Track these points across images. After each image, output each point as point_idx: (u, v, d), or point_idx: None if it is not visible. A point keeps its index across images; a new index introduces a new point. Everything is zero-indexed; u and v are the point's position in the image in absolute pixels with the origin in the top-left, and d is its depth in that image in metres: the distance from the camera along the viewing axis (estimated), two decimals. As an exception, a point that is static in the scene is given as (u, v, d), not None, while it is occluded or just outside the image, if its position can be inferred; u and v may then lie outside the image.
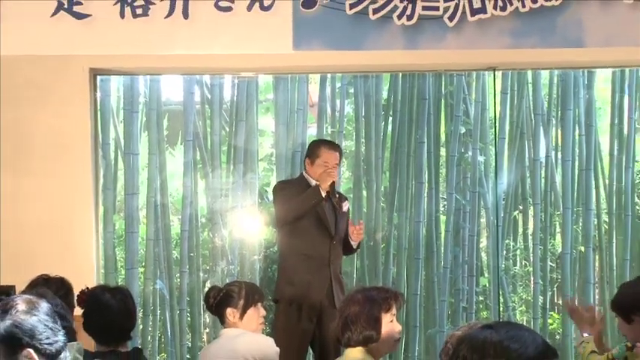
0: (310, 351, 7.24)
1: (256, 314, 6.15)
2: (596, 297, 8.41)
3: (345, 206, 7.21)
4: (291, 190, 7.18)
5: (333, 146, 7.31)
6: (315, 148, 7.29)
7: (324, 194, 6.96)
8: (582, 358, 5.70)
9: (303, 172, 7.24)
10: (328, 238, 7.07)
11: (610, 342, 6.24)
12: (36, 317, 3.61)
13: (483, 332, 2.63)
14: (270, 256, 9.01)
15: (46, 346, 3.57)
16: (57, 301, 3.88)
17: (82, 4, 7.10)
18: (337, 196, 7.20)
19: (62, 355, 3.52)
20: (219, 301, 6.18)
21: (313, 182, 7.08)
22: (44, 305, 3.78)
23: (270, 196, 8.95)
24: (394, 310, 5.08)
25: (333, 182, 7.01)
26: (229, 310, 6.09)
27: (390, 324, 4.99)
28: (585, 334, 5.70)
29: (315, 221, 7.04)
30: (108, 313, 5.03)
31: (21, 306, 3.71)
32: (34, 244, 6.91)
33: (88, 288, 5.49)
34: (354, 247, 7.19)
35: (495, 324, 2.72)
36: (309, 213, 6.99)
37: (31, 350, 3.58)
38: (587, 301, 7.89)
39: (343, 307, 5.07)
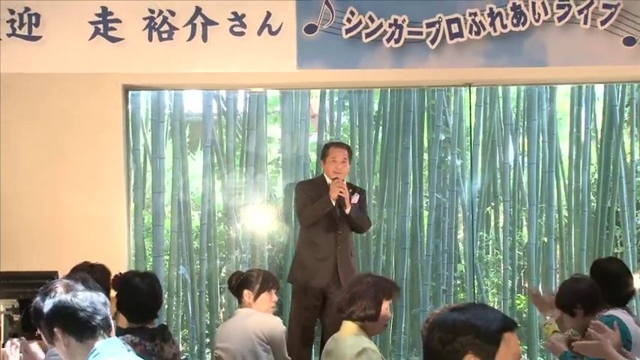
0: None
1: (269, 298, 6.19)
2: (557, 281, 8.41)
3: (355, 198, 7.12)
4: (308, 193, 7.22)
5: (340, 144, 7.35)
6: (325, 148, 7.34)
7: (333, 202, 6.99)
8: (547, 336, 5.73)
9: (323, 172, 7.27)
10: (334, 231, 7.08)
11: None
12: (73, 299, 3.64)
13: (452, 314, 2.65)
14: (277, 245, 9.04)
15: (79, 323, 3.60)
16: (96, 285, 3.91)
17: (116, 29, 7.11)
18: (350, 190, 7.14)
19: (100, 334, 3.55)
20: (239, 284, 6.23)
21: (329, 180, 7.11)
22: (80, 288, 3.81)
23: (277, 194, 9.02)
24: (392, 300, 5.15)
25: (342, 194, 6.98)
26: (246, 292, 6.14)
27: (386, 310, 5.04)
28: (548, 317, 5.72)
29: (324, 216, 7.07)
30: (138, 295, 5.06)
31: (60, 289, 3.72)
32: (75, 235, 6.91)
33: (120, 273, 5.54)
34: (346, 208, 7.05)
35: (461, 306, 2.76)
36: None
37: (59, 329, 3.61)
38: (549, 288, 7.89)
39: (352, 285, 5.11)
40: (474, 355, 2.54)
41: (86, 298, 3.62)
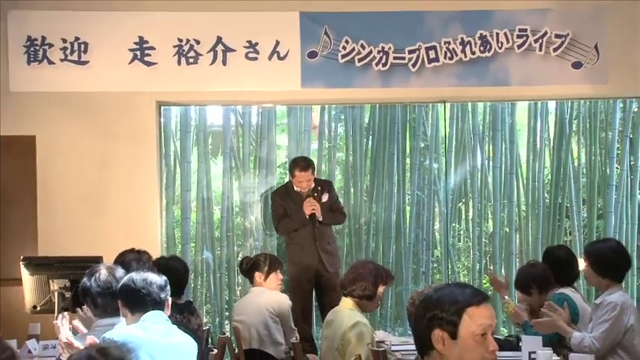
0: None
1: (276, 278, 6.21)
2: (517, 265, 8.40)
3: (325, 197, 7.08)
4: (282, 204, 7.14)
5: (304, 168, 7.05)
6: (291, 168, 7.18)
7: (308, 217, 6.94)
8: (507, 312, 5.75)
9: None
10: (312, 230, 7.02)
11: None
12: (133, 279, 3.69)
13: (428, 293, 2.63)
14: (279, 238, 9.03)
15: (137, 300, 3.65)
16: (139, 266, 3.94)
17: (150, 55, 7.12)
18: (319, 189, 7.05)
19: (147, 307, 3.60)
20: (250, 267, 6.24)
21: (297, 188, 7.05)
22: (120, 271, 3.85)
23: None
24: (386, 286, 5.19)
25: (314, 210, 6.93)
26: (257, 274, 6.16)
27: (380, 293, 5.07)
28: (506, 297, 5.75)
29: (301, 219, 7.02)
30: (168, 276, 5.08)
31: (103, 271, 3.77)
32: (117, 226, 6.91)
33: (153, 258, 5.52)
34: (319, 219, 6.99)
35: (439, 286, 2.74)
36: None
37: (121, 302, 3.65)
38: (508, 274, 7.92)
39: (356, 268, 5.14)
40: (440, 330, 2.48)
41: (143, 278, 3.67)
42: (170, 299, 3.80)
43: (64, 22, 7.03)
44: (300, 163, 7.09)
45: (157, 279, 3.71)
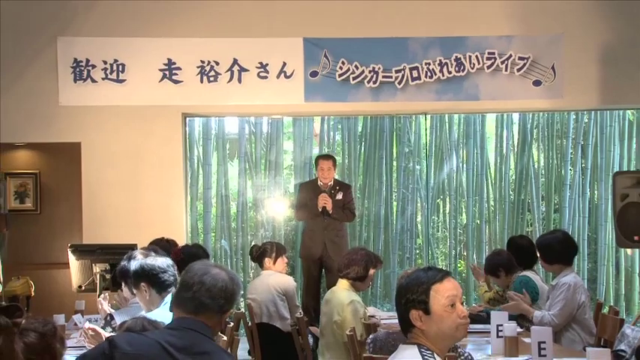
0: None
1: (282, 262, 6.21)
2: (487, 251, 8.41)
3: (339, 196, 7.17)
4: (305, 194, 7.27)
5: (326, 157, 7.37)
6: (316, 160, 7.44)
7: (320, 209, 7.05)
8: (480, 295, 5.76)
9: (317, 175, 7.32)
10: (321, 221, 7.12)
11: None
12: (150, 263, 3.64)
13: (401, 281, 2.60)
14: (290, 226, 9.03)
15: (159, 280, 3.60)
16: (163, 253, 3.91)
17: (177, 74, 7.10)
18: (337, 188, 7.20)
19: (171, 288, 3.56)
20: (259, 254, 6.23)
21: (320, 182, 7.17)
22: (153, 255, 3.82)
23: (290, 190, 9.00)
24: (376, 269, 5.20)
25: (325, 204, 7.04)
26: (266, 259, 6.15)
27: (371, 275, 5.07)
28: (480, 282, 5.76)
29: (315, 210, 7.10)
30: (191, 260, 5.05)
31: (140, 255, 3.74)
32: (149, 218, 6.91)
33: (179, 245, 5.52)
34: (329, 212, 7.09)
35: (407, 274, 2.71)
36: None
37: (146, 283, 3.61)
38: (479, 259, 7.95)
39: (350, 254, 5.16)
40: (415, 310, 2.46)
41: (164, 262, 3.64)
42: None
43: (105, 47, 7.03)
44: (323, 155, 7.48)
45: (170, 261, 3.68)
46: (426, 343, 2.47)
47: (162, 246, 4.95)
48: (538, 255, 5.22)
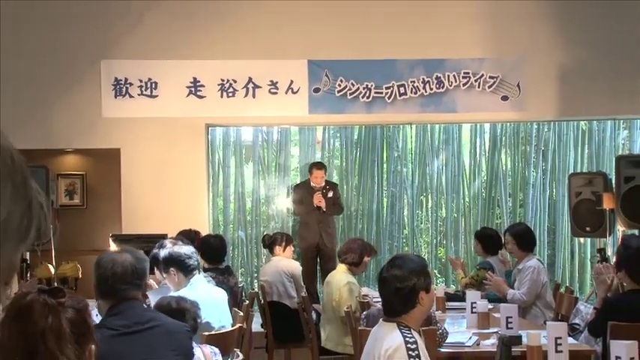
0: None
1: (290, 250, 6.20)
2: (462, 241, 8.40)
3: (330, 193, 7.14)
4: (300, 194, 7.22)
5: (319, 166, 7.22)
6: (310, 167, 7.34)
7: (315, 206, 7.04)
8: (458, 280, 5.75)
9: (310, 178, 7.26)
10: (317, 215, 7.09)
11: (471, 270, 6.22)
12: (177, 250, 3.63)
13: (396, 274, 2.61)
14: (296, 219, 9.00)
15: (185, 265, 3.59)
16: (187, 241, 3.89)
17: (201, 90, 7.08)
18: (327, 187, 7.14)
19: (195, 272, 3.55)
20: (270, 242, 6.21)
21: (313, 184, 7.12)
22: (180, 243, 3.81)
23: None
24: (370, 257, 5.19)
25: (320, 203, 7.00)
26: (277, 247, 6.14)
27: (365, 262, 5.07)
28: (459, 271, 5.75)
29: (311, 207, 7.07)
30: (212, 248, 5.03)
31: (169, 244, 3.73)
32: (176, 212, 6.85)
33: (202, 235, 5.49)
34: (323, 209, 7.07)
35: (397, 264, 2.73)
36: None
37: (174, 268, 3.60)
38: (455, 246, 7.92)
39: (349, 242, 5.18)
40: (423, 291, 2.50)
41: (189, 250, 3.63)
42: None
43: (140, 68, 7.02)
44: (317, 164, 7.35)
45: (193, 248, 3.68)
46: (408, 322, 2.45)
47: (188, 236, 4.95)
48: (510, 244, 5.19)
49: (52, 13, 6.92)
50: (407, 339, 2.39)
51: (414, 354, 2.38)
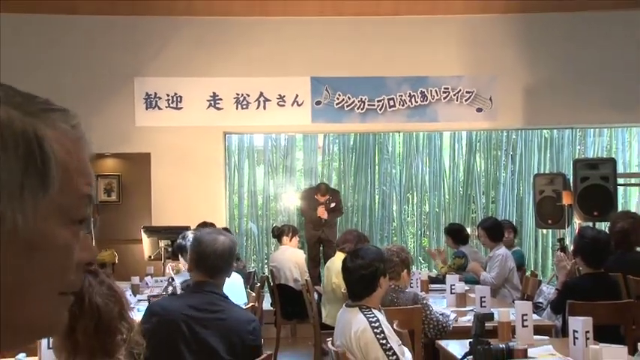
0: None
1: (296, 240, 6.18)
2: (443, 234, 8.39)
3: (332, 204, 7.11)
4: (307, 200, 7.15)
5: (323, 192, 7.06)
6: (315, 189, 7.16)
7: (319, 217, 6.97)
8: (439, 269, 5.74)
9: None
10: (320, 219, 7.06)
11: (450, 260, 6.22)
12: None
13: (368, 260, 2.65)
14: (301, 214, 9.02)
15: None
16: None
17: (219, 103, 7.08)
18: (330, 198, 7.09)
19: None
20: (279, 233, 6.20)
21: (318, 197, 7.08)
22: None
23: (301, 188, 8.97)
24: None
25: (321, 217, 6.96)
26: (284, 238, 6.12)
27: None
28: (438, 262, 5.74)
29: (315, 215, 7.04)
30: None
31: (191, 235, 3.72)
32: (198, 207, 6.80)
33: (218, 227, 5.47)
34: (325, 219, 7.02)
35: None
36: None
37: (183, 259, 3.59)
38: (437, 237, 7.91)
39: (346, 233, 5.13)
40: (384, 277, 2.54)
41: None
42: None
43: (167, 84, 7.02)
44: (322, 189, 7.15)
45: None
46: (369, 303, 2.47)
47: (205, 227, 4.96)
48: (482, 236, 5.19)
49: (95, 38, 6.94)
50: (370, 319, 2.45)
51: (378, 330, 2.44)
